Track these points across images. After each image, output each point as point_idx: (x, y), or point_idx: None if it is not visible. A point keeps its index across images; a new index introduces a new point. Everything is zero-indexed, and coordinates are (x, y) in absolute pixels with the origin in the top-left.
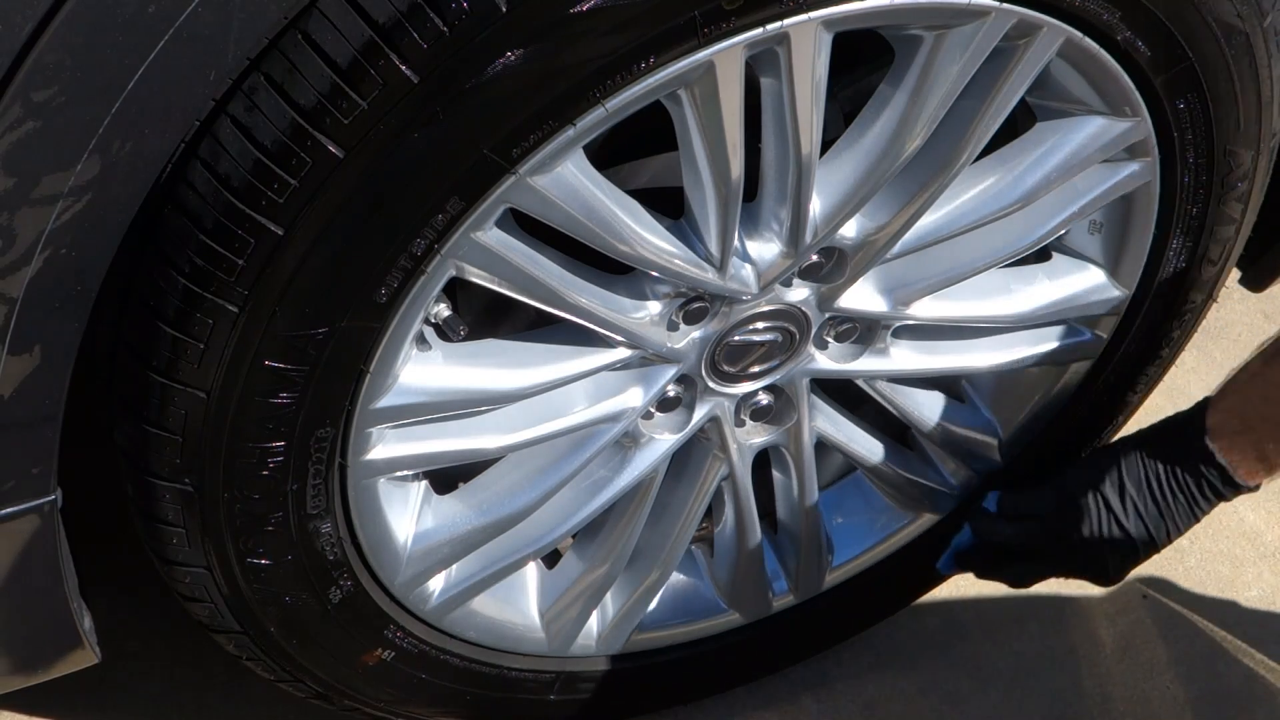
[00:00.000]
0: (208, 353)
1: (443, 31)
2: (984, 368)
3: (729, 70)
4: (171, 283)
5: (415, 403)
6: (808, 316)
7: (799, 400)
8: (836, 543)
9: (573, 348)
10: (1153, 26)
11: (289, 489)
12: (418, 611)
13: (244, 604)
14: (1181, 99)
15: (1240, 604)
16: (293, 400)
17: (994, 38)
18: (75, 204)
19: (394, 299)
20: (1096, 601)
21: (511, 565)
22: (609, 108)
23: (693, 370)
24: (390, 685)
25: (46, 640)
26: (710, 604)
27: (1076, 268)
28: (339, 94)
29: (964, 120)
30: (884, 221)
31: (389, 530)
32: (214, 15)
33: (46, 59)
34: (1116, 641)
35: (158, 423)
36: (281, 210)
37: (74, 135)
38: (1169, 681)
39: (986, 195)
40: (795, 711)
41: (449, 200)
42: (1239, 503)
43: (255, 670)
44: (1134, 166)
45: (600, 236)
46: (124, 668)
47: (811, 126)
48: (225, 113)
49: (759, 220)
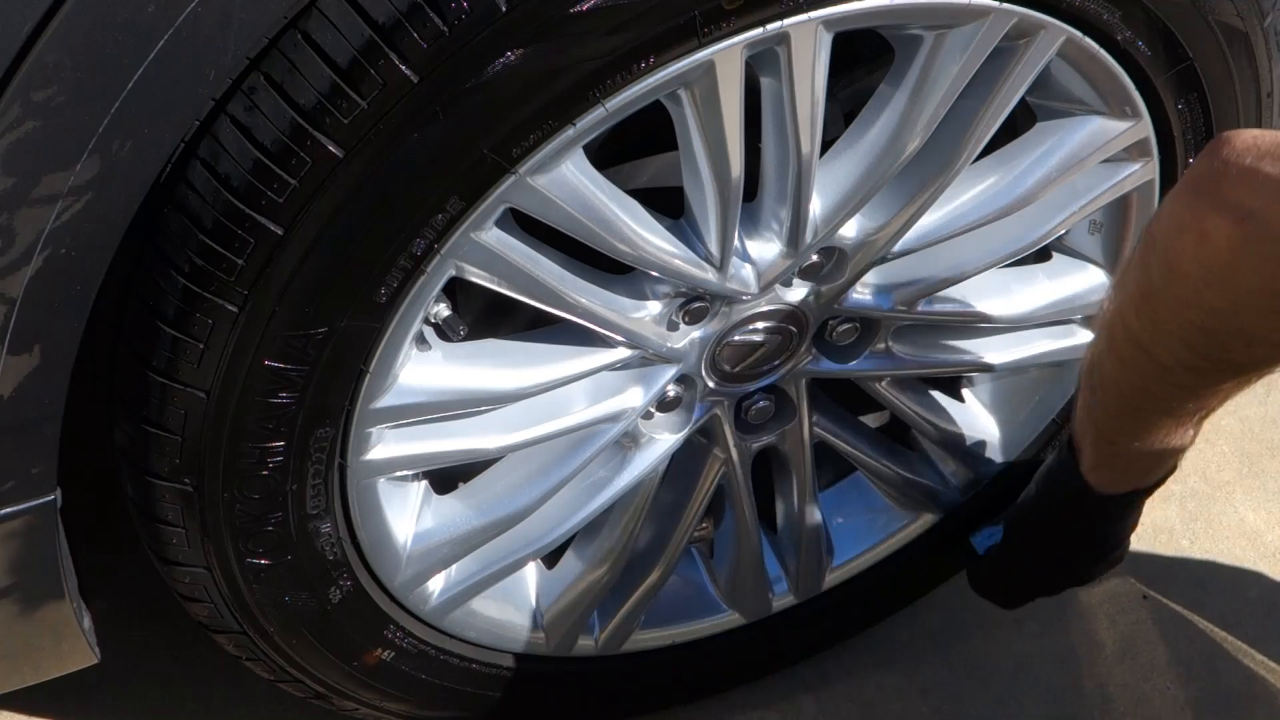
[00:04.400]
0: (208, 353)
1: (443, 31)
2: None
3: (729, 70)
4: (171, 283)
5: (415, 403)
6: (808, 316)
7: (799, 400)
8: (836, 543)
9: (572, 348)
10: (1153, 27)
11: (289, 489)
12: (418, 612)
13: (244, 604)
14: (1182, 99)
15: (1240, 604)
16: (292, 400)
17: (994, 38)
18: (75, 204)
19: (394, 299)
20: (1097, 602)
21: (511, 565)
22: (609, 107)
23: (693, 370)
24: (390, 685)
25: (46, 640)
26: (710, 604)
27: (1076, 268)
28: (339, 94)
29: (964, 120)
30: (884, 221)
31: (389, 530)
32: (214, 15)
33: (46, 59)
34: (1117, 642)
35: (158, 423)
36: (281, 210)
37: (74, 135)
38: (1169, 682)
39: (986, 195)
40: (795, 711)
41: (449, 200)
42: (1239, 503)
43: (255, 670)
44: (1134, 166)
45: (600, 236)
46: (124, 668)
47: (811, 126)
48: (225, 112)
49: (759, 220)
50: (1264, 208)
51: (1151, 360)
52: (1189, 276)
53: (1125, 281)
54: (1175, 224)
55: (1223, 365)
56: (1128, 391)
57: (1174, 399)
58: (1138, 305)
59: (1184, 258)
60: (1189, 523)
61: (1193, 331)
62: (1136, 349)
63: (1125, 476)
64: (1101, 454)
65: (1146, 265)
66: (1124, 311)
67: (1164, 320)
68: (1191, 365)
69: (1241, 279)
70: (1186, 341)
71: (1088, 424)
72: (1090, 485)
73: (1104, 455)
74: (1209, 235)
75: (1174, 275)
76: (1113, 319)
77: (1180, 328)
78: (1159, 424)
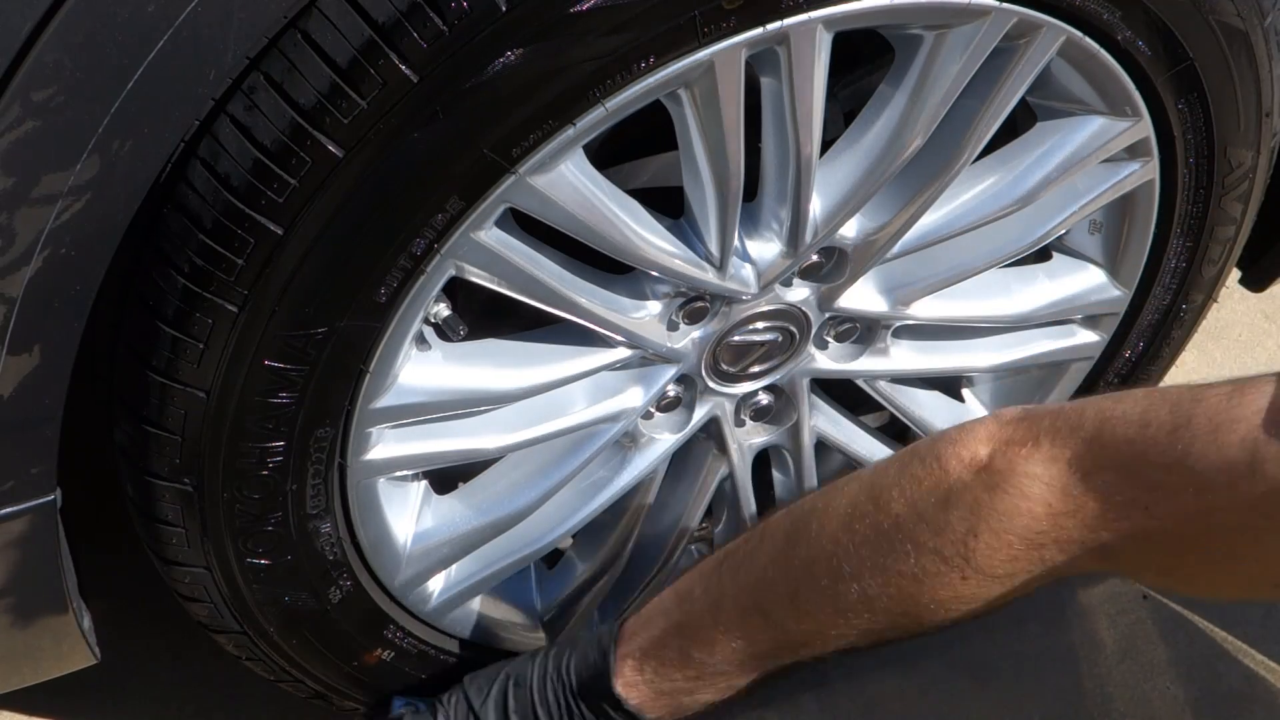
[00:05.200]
0: (208, 352)
1: (443, 31)
2: (984, 368)
3: (729, 70)
4: (171, 283)
5: (415, 403)
6: (808, 316)
7: (799, 400)
8: None
9: (572, 348)
10: (1153, 26)
11: (289, 489)
12: (417, 611)
13: (244, 604)
14: (1182, 99)
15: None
16: (292, 400)
17: (994, 37)
18: (75, 204)
19: (394, 299)
20: (1097, 602)
21: (511, 565)
22: (609, 107)
23: (693, 370)
24: (390, 685)
25: (46, 640)
26: None
27: (1076, 268)
28: (339, 94)
29: (964, 120)
30: (884, 221)
31: (389, 530)
32: (213, 15)
33: (46, 59)
34: (1117, 642)
35: (158, 423)
36: (281, 210)
37: (74, 135)
38: (1169, 682)
39: (986, 195)
40: (795, 711)
41: (449, 200)
42: None
43: (255, 670)
44: (1134, 166)
45: (600, 236)
46: (124, 668)
47: (811, 126)
48: (225, 112)
49: (759, 220)
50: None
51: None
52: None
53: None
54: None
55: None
56: (799, 563)
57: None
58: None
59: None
60: None
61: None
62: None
63: (669, 701)
64: (666, 658)
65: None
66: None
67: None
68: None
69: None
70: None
71: (687, 614)
72: (621, 700)
73: (672, 660)
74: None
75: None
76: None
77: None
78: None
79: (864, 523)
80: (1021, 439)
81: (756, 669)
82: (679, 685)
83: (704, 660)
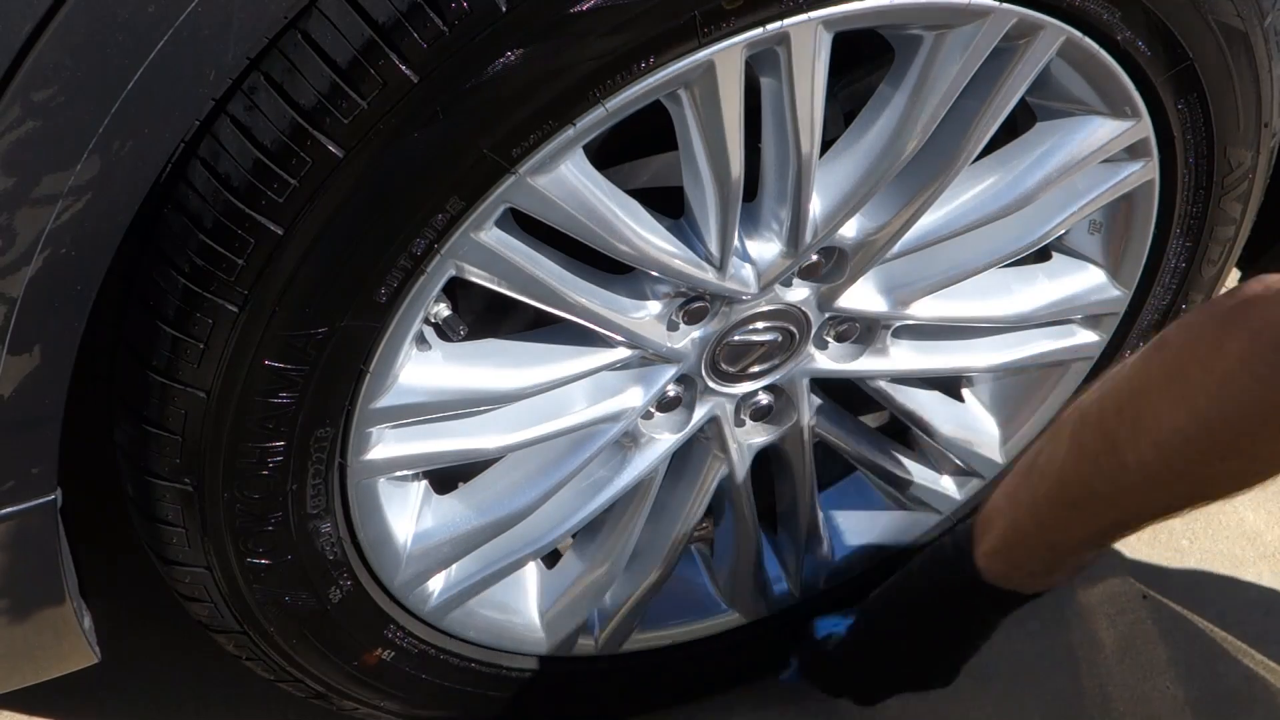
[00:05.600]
0: (208, 353)
1: (443, 31)
2: (984, 368)
3: (729, 70)
4: (171, 282)
5: (415, 403)
6: (808, 316)
7: (799, 400)
8: (836, 543)
9: (572, 348)
10: (1153, 27)
11: (289, 489)
12: (418, 611)
13: (244, 604)
14: (1181, 99)
15: (1239, 604)
16: (293, 400)
17: (994, 38)
18: (75, 204)
19: (394, 299)
20: (1097, 602)
21: (511, 565)
22: (609, 107)
23: (693, 370)
24: (390, 685)
25: (46, 640)
26: (710, 604)
27: (1076, 268)
28: (339, 94)
29: (964, 120)
30: (884, 221)
31: (389, 530)
32: (214, 15)
33: (46, 59)
34: (1116, 642)
35: (158, 423)
36: (281, 210)
37: (74, 135)
38: (1169, 682)
39: (986, 195)
40: (795, 711)
41: (449, 200)
42: (1239, 503)
43: (255, 670)
44: (1134, 166)
45: (600, 236)
46: (124, 668)
47: (811, 126)
48: (225, 112)
49: (759, 220)
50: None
51: (1114, 455)
52: (1190, 380)
53: (1115, 376)
54: (1194, 333)
55: (1177, 480)
56: (1070, 480)
57: (1108, 507)
58: (1124, 399)
59: (1191, 362)
60: (1188, 522)
61: (1171, 434)
62: (1103, 440)
63: (1016, 572)
64: (1006, 540)
65: (1149, 362)
66: (1104, 402)
67: (1146, 417)
68: (1151, 472)
69: (1239, 386)
70: (1159, 443)
71: (1005, 508)
72: (979, 571)
73: (1008, 541)
74: (1223, 346)
75: (1175, 376)
76: (1085, 408)
77: (1159, 428)
78: (1077, 528)
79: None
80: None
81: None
82: (1035, 568)
83: (1046, 555)
